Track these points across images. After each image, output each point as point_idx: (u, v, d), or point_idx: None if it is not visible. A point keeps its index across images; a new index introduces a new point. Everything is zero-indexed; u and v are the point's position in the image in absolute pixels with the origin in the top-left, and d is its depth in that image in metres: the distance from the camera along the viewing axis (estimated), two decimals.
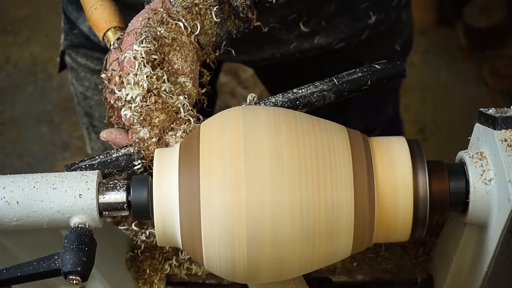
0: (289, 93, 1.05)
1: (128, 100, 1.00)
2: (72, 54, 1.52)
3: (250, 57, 1.39)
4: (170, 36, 1.02)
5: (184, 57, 1.03)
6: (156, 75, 0.99)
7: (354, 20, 1.39)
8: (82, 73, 1.52)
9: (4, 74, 2.86)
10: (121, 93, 1.00)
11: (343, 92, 1.07)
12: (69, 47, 1.52)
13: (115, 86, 1.01)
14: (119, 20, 1.11)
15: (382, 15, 1.41)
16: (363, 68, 1.08)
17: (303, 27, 1.35)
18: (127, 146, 1.03)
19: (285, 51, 1.39)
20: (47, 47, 2.96)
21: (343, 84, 1.06)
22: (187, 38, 1.04)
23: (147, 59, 1.00)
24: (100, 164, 1.02)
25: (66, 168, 1.02)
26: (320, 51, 1.41)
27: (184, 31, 1.03)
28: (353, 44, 1.43)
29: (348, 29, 1.39)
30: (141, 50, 0.99)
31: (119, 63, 1.02)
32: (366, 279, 1.20)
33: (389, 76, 1.09)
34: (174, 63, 1.02)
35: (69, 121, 2.70)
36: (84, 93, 1.54)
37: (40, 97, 2.79)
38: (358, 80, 1.07)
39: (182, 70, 1.03)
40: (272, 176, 0.88)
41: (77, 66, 1.52)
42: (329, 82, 1.07)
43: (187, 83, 1.02)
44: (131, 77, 0.99)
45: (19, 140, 2.65)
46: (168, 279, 1.19)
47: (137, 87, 0.99)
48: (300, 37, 1.37)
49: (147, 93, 0.99)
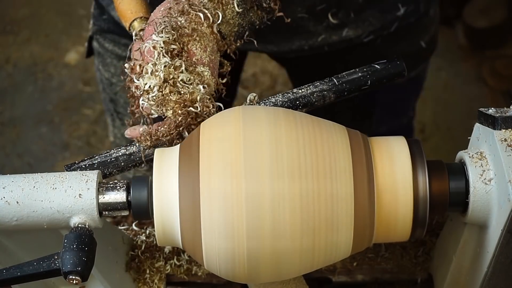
0: (289, 93, 1.05)
1: (146, 89, 1.00)
2: (100, 39, 1.53)
3: (278, 48, 1.38)
4: (190, 27, 1.02)
5: (203, 47, 1.03)
6: (174, 65, 1.00)
7: (383, 12, 1.37)
8: (109, 59, 1.53)
9: (4, 74, 2.86)
10: (140, 82, 1.01)
11: (343, 92, 1.07)
12: (98, 32, 1.53)
13: (135, 75, 1.02)
14: (146, 10, 1.11)
15: (411, 7, 1.39)
16: (363, 68, 1.08)
17: (332, 18, 1.33)
18: (127, 145, 1.03)
19: (313, 43, 1.37)
20: (47, 47, 2.96)
21: (343, 84, 1.06)
22: (207, 28, 1.04)
23: (166, 49, 1.00)
24: (100, 164, 1.02)
25: (66, 168, 1.02)
26: (348, 44, 1.39)
27: (204, 21, 1.04)
28: (381, 38, 1.41)
29: (377, 21, 1.37)
30: (160, 40, 1.00)
31: (141, 53, 1.03)
32: (366, 279, 1.19)
33: (389, 76, 1.08)
34: (193, 53, 1.02)
35: (69, 121, 2.70)
36: (109, 79, 1.55)
37: (40, 97, 2.79)
38: (358, 80, 1.07)
39: (201, 60, 1.03)
40: (271, 170, 0.88)
41: (104, 52, 1.53)
42: (329, 82, 1.06)
43: (206, 72, 1.02)
44: (149, 66, 1.00)
45: (19, 140, 2.65)
46: (168, 279, 1.19)
47: (154, 77, 0.99)
48: (329, 29, 1.35)
49: (163, 83, 0.99)
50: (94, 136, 2.66)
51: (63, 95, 2.80)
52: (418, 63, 1.53)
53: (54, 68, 2.88)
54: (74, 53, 2.94)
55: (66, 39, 2.98)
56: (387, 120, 1.64)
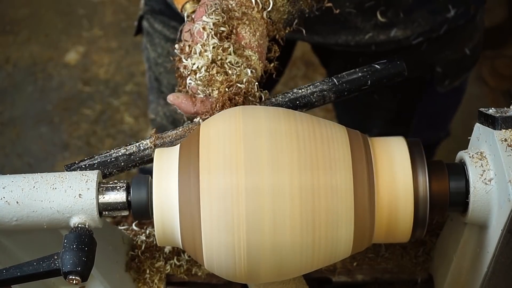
0: (289, 93, 1.06)
1: (194, 69, 1.01)
2: (150, 19, 1.54)
3: (324, 39, 1.38)
4: (240, 10, 1.03)
5: (252, 32, 1.04)
6: (222, 46, 1.01)
7: (433, 13, 1.35)
8: (157, 39, 1.54)
9: (4, 74, 2.86)
10: (188, 62, 1.02)
11: (343, 92, 1.07)
12: (149, 12, 1.54)
13: (184, 55, 1.03)
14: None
15: (461, 9, 1.37)
16: (363, 68, 1.08)
17: (380, 16, 1.32)
18: (128, 144, 1.03)
19: (360, 40, 1.36)
20: (47, 47, 2.95)
21: (343, 84, 1.06)
22: (258, 13, 1.05)
23: (215, 31, 1.01)
24: (100, 164, 1.02)
25: (66, 168, 1.02)
26: (396, 45, 1.38)
27: (255, 6, 1.04)
28: (428, 42, 1.40)
29: (426, 22, 1.35)
30: (210, 21, 1.01)
31: (191, 34, 1.03)
32: (366, 279, 1.20)
33: (389, 76, 1.08)
34: (242, 36, 1.03)
35: (69, 121, 2.70)
36: (156, 59, 1.57)
37: (40, 97, 2.79)
38: (358, 80, 1.07)
39: (250, 44, 1.03)
40: (271, 163, 0.88)
41: (153, 32, 1.54)
42: (329, 82, 1.06)
43: (253, 57, 1.03)
44: (198, 47, 1.01)
45: (19, 140, 2.65)
46: (168, 279, 1.19)
47: (202, 57, 1.01)
48: (377, 27, 1.34)
49: (210, 64, 1.00)
50: (94, 136, 2.65)
51: (63, 95, 2.79)
52: (461, 72, 1.52)
53: (54, 68, 2.88)
54: (74, 53, 2.93)
55: (66, 39, 2.98)
56: (424, 132, 1.63)
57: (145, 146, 1.03)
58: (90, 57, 2.91)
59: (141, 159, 1.03)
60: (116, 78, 2.83)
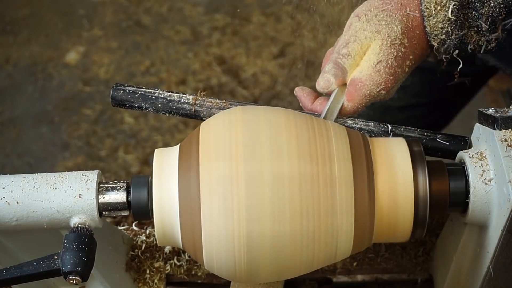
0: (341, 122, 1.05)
1: None
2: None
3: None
4: None
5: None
6: None
7: None
8: None
9: (4, 74, 2.86)
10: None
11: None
12: None
13: None
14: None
15: None
16: (423, 131, 1.04)
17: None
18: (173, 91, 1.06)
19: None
20: (47, 47, 2.96)
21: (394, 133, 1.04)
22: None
23: None
24: (141, 96, 1.06)
25: (113, 88, 1.06)
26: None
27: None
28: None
29: None
30: None
31: None
32: (366, 279, 1.20)
33: (443, 151, 1.04)
34: None
35: (69, 121, 2.70)
36: None
37: (40, 97, 2.79)
38: (410, 137, 1.03)
39: None
40: (270, 152, 0.89)
41: None
42: (382, 127, 1.04)
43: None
44: None
45: (19, 140, 2.65)
46: (168, 279, 1.19)
47: None
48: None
49: None
50: (94, 136, 2.65)
51: (63, 95, 2.79)
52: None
53: (54, 68, 2.88)
54: (74, 53, 2.93)
55: (66, 39, 2.98)
56: None
57: (185, 100, 1.05)
58: (90, 57, 2.91)
59: (177, 109, 1.06)
60: (116, 78, 2.83)
